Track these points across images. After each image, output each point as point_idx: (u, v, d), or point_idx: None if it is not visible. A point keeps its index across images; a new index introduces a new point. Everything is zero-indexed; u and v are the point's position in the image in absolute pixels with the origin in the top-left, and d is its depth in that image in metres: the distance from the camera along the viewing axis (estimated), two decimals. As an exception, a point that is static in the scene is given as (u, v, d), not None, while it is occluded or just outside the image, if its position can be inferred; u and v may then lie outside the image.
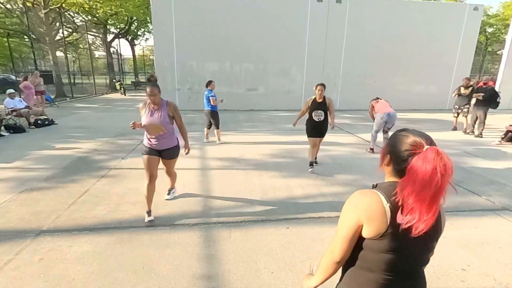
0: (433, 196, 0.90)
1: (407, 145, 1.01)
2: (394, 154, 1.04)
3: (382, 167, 1.13)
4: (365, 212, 0.97)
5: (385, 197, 0.98)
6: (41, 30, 16.18)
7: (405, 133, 1.07)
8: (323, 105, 4.62)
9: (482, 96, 7.57)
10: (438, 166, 0.91)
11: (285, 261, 2.56)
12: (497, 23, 29.54)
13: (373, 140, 6.11)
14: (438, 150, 0.98)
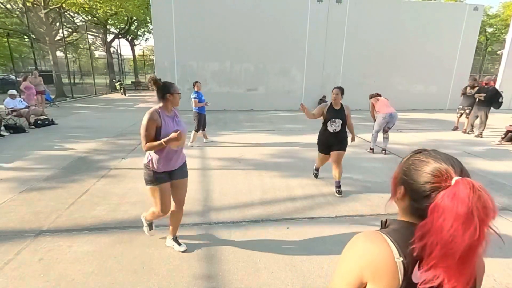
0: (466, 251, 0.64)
1: (428, 175, 0.74)
2: (410, 186, 0.77)
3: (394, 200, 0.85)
4: (370, 267, 0.74)
5: (397, 246, 0.74)
6: (41, 30, 16.18)
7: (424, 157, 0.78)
8: (341, 114, 3.86)
9: (484, 96, 7.57)
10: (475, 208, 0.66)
11: (285, 261, 2.56)
12: (497, 23, 29.55)
13: (374, 140, 6.11)
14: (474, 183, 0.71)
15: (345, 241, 0.92)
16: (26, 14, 14.54)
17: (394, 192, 0.84)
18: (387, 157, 5.73)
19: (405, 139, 7.37)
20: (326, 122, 3.89)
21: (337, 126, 3.86)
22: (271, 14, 11.87)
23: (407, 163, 0.81)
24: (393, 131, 8.39)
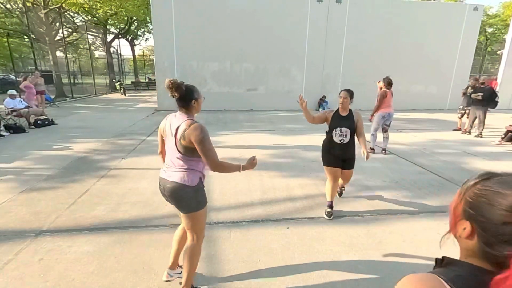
0: None
1: (508, 214, 0.56)
2: (480, 225, 0.60)
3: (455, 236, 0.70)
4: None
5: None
6: (41, 30, 16.17)
7: (499, 186, 0.59)
8: (349, 121, 3.19)
9: (481, 96, 7.58)
10: None
11: (285, 261, 2.56)
12: (497, 23, 29.54)
13: (374, 140, 6.09)
14: None
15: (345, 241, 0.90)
16: (26, 14, 14.53)
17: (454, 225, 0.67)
18: (387, 157, 5.73)
19: (405, 139, 7.37)
20: (331, 131, 3.25)
21: (344, 136, 3.17)
22: (271, 14, 11.87)
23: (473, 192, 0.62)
24: (393, 131, 8.40)
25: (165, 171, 2.02)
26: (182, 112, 1.97)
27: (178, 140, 1.90)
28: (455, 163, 5.49)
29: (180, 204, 1.99)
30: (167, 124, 2.01)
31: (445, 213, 3.52)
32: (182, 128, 1.88)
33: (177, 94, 1.92)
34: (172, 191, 1.95)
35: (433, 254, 2.69)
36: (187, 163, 1.95)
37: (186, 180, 1.94)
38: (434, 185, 4.36)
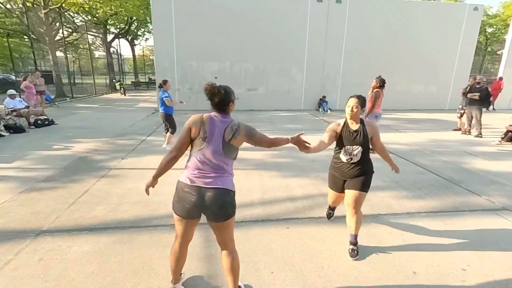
0: None
1: None
2: None
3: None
4: None
5: None
6: (41, 30, 16.18)
7: None
8: (362, 137, 2.53)
9: (479, 95, 7.59)
10: None
11: (285, 261, 2.56)
12: (497, 23, 29.55)
13: None
14: None
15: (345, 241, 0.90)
16: (26, 14, 14.54)
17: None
18: (387, 157, 5.73)
19: (405, 139, 7.37)
20: (340, 150, 2.71)
21: (354, 155, 2.57)
22: (271, 14, 11.87)
23: None
24: (393, 131, 8.40)
25: (199, 178, 1.84)
26: (221, 114, 1.94)
27: (226, 142, 1.87)
28: (455, 163, 5.49)
29: (221, 212, 1.86)
30: (207, 125, 1.88)
31: (445, 213, 3.52)
32: (232, 129, 1.89)
33: (217, 99, 1.88)
34: (217, 198, 1.82)
35: (433, 254, 2.69)
36: (228, 167, 1.93)
37: (229, 184, 1.89)
38: (434, 185, 4.36)
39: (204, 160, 1.87)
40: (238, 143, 1.92)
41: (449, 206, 3.68)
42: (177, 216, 1.92)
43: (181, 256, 2.06)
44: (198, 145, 1.89)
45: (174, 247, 2.05)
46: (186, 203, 1.84)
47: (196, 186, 1.83)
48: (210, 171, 1.86)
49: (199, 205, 1.84)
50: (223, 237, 1.96)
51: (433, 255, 2.66)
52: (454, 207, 3.67)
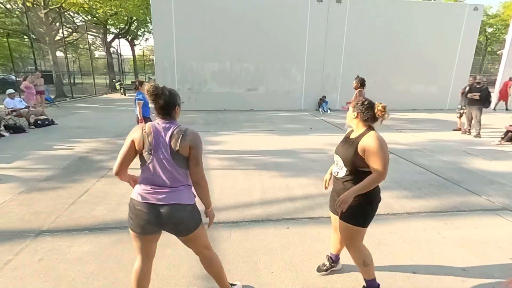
0: None
1: None
2: None
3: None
4: None
5: None
6: (41, 30, 16.19)
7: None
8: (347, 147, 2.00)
9: (479, 95, 7.58)
10: None
11: (285, 261, 2.56)
12: (497, 23, 29.55)
13: None
14: None
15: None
16: (26, 14, 14.54)
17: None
18: (387, 157, 5.73)
19: (405, 139, 7.37)
20: None
21: (338, 167, 2.09)
22: (271, 14, 11.86)
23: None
24: (393, 131, 8.40)
25: (151, 194, 1.69)
26: (166, 120, 1.73)
27: (173, 151, 1.67)
28: (455, 163, 5.49)
29: (180, 228, 1.76)
30: (149, 136, 1.68)
31: (445, 213, 3.52)
32: (177, 135, 1.67)
33: (161, 101, 1.68)
34: (172, 215, 1.69)
35: (433, 254, 2.69)
36: (183, 178, 1.75)
37: (185, 198, 1.74)
38: (434, 185, 4.36)
39: (155, 174, 1.70)
40: (186, 151, 1.69)
41: (449, 206, 3.68)
42: (133, 233, 1.78)
43: (144, 277, 1.89)
44: (146, 159, 1.70)
45: (135, 266, 1.88)
46: (139, 220, 1.71)
47: (148, 203, 1.68)
48: (162, 185, 1.70)
49: (154, 223, 1.71)
50: (196, 248, 1.87)
51: (433, 255, 2.66)
52: (454, 207, 3.67)
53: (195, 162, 1.72)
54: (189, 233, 1.79)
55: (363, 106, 1.96)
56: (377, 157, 1.83)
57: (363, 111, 1.96)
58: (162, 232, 1.85)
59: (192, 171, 1.75)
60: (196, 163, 1.73)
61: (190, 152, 1.70)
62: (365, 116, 1.96)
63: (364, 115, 1.96)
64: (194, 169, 1.74)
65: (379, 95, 6.32)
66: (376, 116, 1.95)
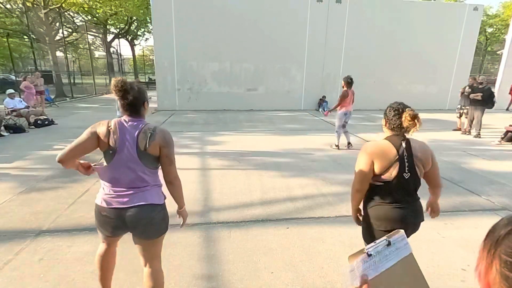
0: None
1: None
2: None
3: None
4: None
5: None
6: (41, 30, 16.19)
7: None
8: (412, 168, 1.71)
9: (481, 96, 7.58)
10: None
11: (285, 261, 2.56)
12: (497, 23, 29.56)
13: (338, 137, 6.29)
14: None
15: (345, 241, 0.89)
16: (26, 14, 14.55)
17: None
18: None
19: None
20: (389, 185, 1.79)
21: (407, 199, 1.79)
22: (271, 14, 11.86)
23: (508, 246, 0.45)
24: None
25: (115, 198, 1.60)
26: (133, 117, 1.63)
27: (141, 150, 1.57)
28: (455, 163, 5.49)
29: (151, 230, 1.65)
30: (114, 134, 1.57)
31: (445, 213, 3.52)
32: (146, 134, 1.58)
33: (130, 97, 1.58)
34: (140, 217, 1.58)
35: (433, 254, 2.69)
36: (151, 177, 1.65)
37: (153, 198, 1.63)
38: (434, 185, 4.36)
39: (119, 176, 1.59)
40: (156, 151, 1.61)
41: (449, 206, 3.68)
42: (101, 234, 1.75)
43: (110, 259, 1.84)
44: (109, 159, 1.60)
45: (99, 250, 1.81)
46: (107, 226, 1.65)
47: (113, 209, 1.59)
48: (127, 187, 1.60)
49: (122, 227, 1.63)
50: (150, 255, 1.75)
51: (433, 255, 2.66)
52: (454, 207, 3.67)
53: (168, 161, 1.64)
54: (159, 235, 1.70)
55: (390, 112, 1.77)
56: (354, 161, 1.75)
57: (390, 118, 1.76)
58: None
59: (166, 171, 1.66)
60: (170, 162, 1.65)
61: (161, 151, 1.62)
62: (392, 125, 1.76)
63: (391, 123, 1.76)
64: (168, 168, 1.65)
65: (379, 95, 6.34)
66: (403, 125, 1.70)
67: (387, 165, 1.67)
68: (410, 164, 1.67)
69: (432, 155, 1.76)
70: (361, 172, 1.73)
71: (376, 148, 1.71)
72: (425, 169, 1.74)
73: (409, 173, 1.68)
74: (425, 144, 1.78)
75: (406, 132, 1.73)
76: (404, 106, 1.76)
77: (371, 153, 1.71)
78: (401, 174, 1.67)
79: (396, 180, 1.67)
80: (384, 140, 1.76)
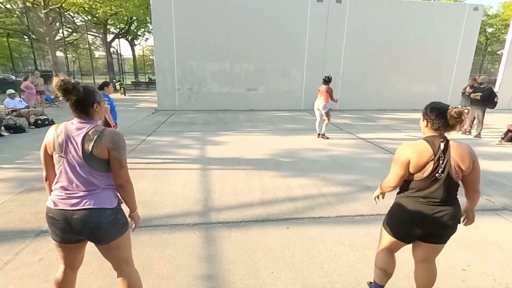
0: None
1: None
2: None
3: None
4: None
5: None
6: (41, 30, 16.20)
7: None
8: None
9: (480, 96, 7.58)
10: None
11: (285, 261, 2.56)
12: (497, 23, 29.56)
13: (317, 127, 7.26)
14: None
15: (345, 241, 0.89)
16: (26, 14, 14.56)
17: None
18: (387, 156, 5.73)
19: (405, 139, 7.37)
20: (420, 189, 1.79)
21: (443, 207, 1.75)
22: (271, 14, 11.87)
23: None
24: (393, 131, 8.41)
25: (63, 199, 1.55)
26: (82, 119, 1.59)
27: (87, 153, 1.52)
28: (455, 163, 5.48)
29: (99, 235, 1.59)
30: (59, 137, 1.54)
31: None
32: (92, 136, 1.53)
33: (72, 97, 1.54)
34: (87, 221, 1.54)
35: (433, 254, 2.69)
36: (101, 181, 1.60)
37: (103, 202, 1.58)
38: (434, 185, 4.36)
39: (67, 178, 1.56)
40: (103, 154, 1.54)
41: (449, 206, 3.68)
42: (53, 241, 1.64)
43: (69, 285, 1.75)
44: (58, 162, 1.57)
45: (57, 275, 1.72)
46: (54, 228, 1.58)
47: (59, 210, 1.54)
48: (76, 190, 1.55)
49: (69, 231, 1.56)
50: (115, 261, 1.70)
51: (433, 255, 2.65)
52: (454, 207, 3.67)
53: (118, 164, 1.58)
54: (111, 240, 1.62)
55: (432, 112, 1.73)
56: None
57: (432, 118, 1.73)
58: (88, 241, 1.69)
59: (115, 174, 1.60)
60: (119, 165, 1.58)
61: (110, 154, 1.55)
62: (435, 125, 1.74)
63: (435, 124, 1.74)
64: (117, 171, 1.60)
65: (379, 95, 6.35)
66: (449, 123, 1.71)
67: (422, 164, 1.68)
68: (445, 164, 1.67)
69: (473, 158, 1.70)
70: (397, 170, 1.76)
71: (413, 147, 1.73)
72: (463, 172, 1.69)
73: (443, 173, 1.67)
74: (467, 147, 1.74)
75: (449, 132, 1.75)
76: (445, 104, 1.75)
77: (408, 152, 1.73)
78: (434, 174, 1.67)
79: (429, 179, 1.69)
80: (421, 141, 1.76)
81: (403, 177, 1.76)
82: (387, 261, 1.97)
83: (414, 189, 1.76)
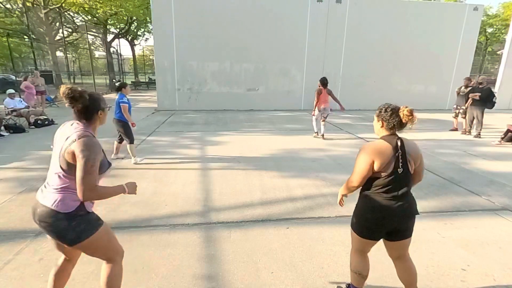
0: None
1: None
2: None
3: None
4: None
5: None
6: (41, 30, 16.21)
7: None
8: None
9: (479, 96, 7.59)
10: None
11: (285, 261, 2.56)
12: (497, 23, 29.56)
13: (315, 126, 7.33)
14: None
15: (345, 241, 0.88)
16: (26, 14, 14.55)
17: None
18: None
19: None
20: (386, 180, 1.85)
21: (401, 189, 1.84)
22: (271, 14, 11.86)
23: None
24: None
25: (42, 191, 1.63)
26: (81, 122, 1.65)
27: (61, 152, 1.56)
28: (455, 163, 5.49)
29: (53, 235, 1.60)
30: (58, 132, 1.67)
31: (445, 213, 3.52)
32: (71, 139, 1.55)
33: (79, 105, 1.60)
34: (41, 218, 1.57)
35: (433, 254, 2.69)
36: (68, 182, 1.57)
37: (58, 204, 1.55)
38: (434, 185, 4.37)
39: (49, 172, 1.64)
40: (70, 158, 1.53)
41: (449, 206, 3.68)
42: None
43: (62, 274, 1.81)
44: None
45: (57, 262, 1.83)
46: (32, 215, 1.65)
47: (36, 200, 1.61)
48: (50, 184, 1.61)
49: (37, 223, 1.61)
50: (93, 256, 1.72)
51: (433, 255, 2.66)
52: (454, 207, 3.67)
53: (78, 173, 1.50)
54: (73, 244, 1.60)
55: (386, 112, 1.86)
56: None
57: (387, 118, 1.86)
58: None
59: (76, 181, 1.52)
60: (79, 175, 1.50)
61: (78, 156, 1.51)
62: (390, 124, 1.86)
63: (390, 123, 1.86)
64: (77, 180, 1.51)
65: (379, 95, 6.36)
66: (403, 122, 1.84)
67: (385, 162, 1.79)
68: (403, 160, 1.80)
69: (420, 152, 1.91)
70: (362, 171, 1.85)
71: (375, 148, 1.83)
72: (415, 165, 1.87)
73: (402, 168, 1.80)
74: (415, 143, 1.93)
75: (401, 130, 1.90)
76: (395, 105, 1.90)
77: (371, 153, 1.82)
78: (396, 169, 1.79)
79: (391, 175, 1.80)
80: (381, 140, 1.88)
81: (366, 176, 1.85)
82: (362, 264, 2.02)
83: (377, 186, 1.84)
